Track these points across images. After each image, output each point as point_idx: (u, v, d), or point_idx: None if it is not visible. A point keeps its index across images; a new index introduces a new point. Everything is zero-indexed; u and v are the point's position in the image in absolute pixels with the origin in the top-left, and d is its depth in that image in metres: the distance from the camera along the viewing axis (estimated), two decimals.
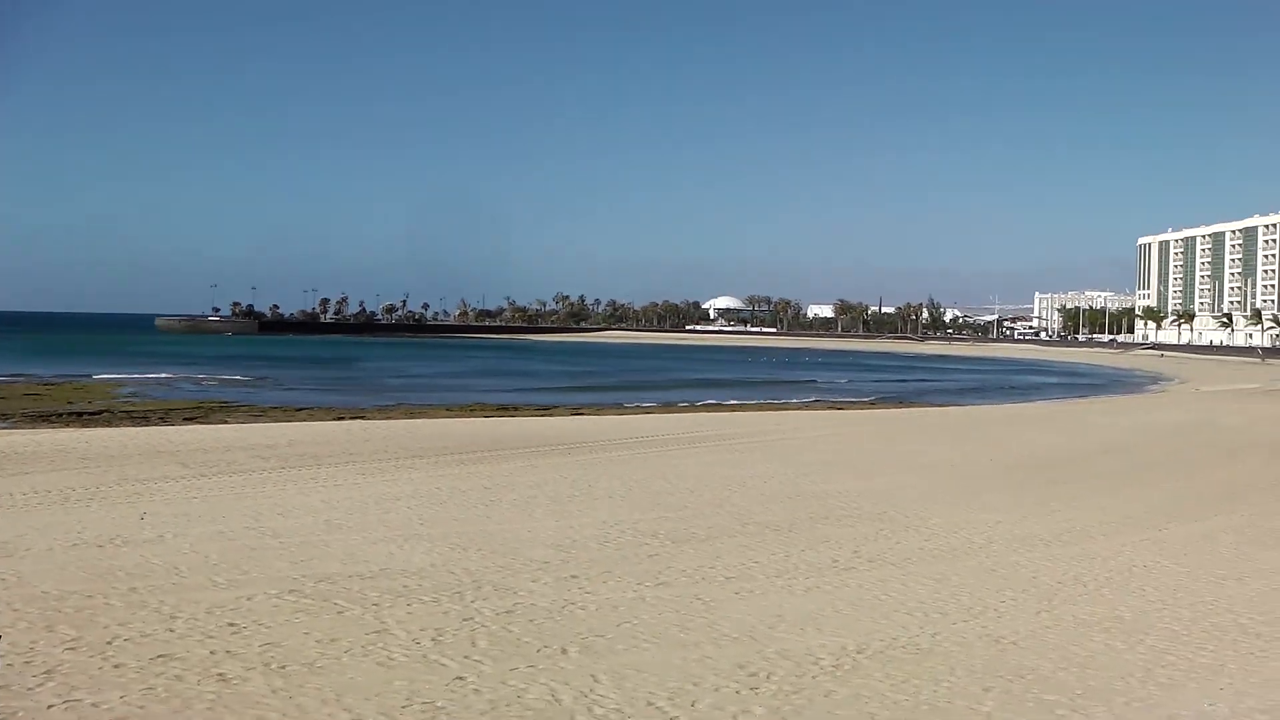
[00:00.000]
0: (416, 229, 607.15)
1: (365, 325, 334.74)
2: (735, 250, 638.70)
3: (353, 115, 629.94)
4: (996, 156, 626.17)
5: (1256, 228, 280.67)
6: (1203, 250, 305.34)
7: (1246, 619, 16.16)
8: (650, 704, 11.70)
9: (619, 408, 64.43)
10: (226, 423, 47.40)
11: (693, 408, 65.34)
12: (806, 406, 69.90)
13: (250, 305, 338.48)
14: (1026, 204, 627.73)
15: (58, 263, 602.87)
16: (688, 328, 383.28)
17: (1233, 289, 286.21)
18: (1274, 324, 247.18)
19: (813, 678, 12.72)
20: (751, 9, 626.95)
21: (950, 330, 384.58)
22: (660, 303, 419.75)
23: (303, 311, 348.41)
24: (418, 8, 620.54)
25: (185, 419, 49.19)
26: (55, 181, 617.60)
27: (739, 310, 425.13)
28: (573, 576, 17.40)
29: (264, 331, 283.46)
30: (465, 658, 13.11)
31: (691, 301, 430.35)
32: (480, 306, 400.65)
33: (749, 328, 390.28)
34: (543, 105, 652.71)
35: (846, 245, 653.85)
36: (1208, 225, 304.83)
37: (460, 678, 12.37)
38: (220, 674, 12.29)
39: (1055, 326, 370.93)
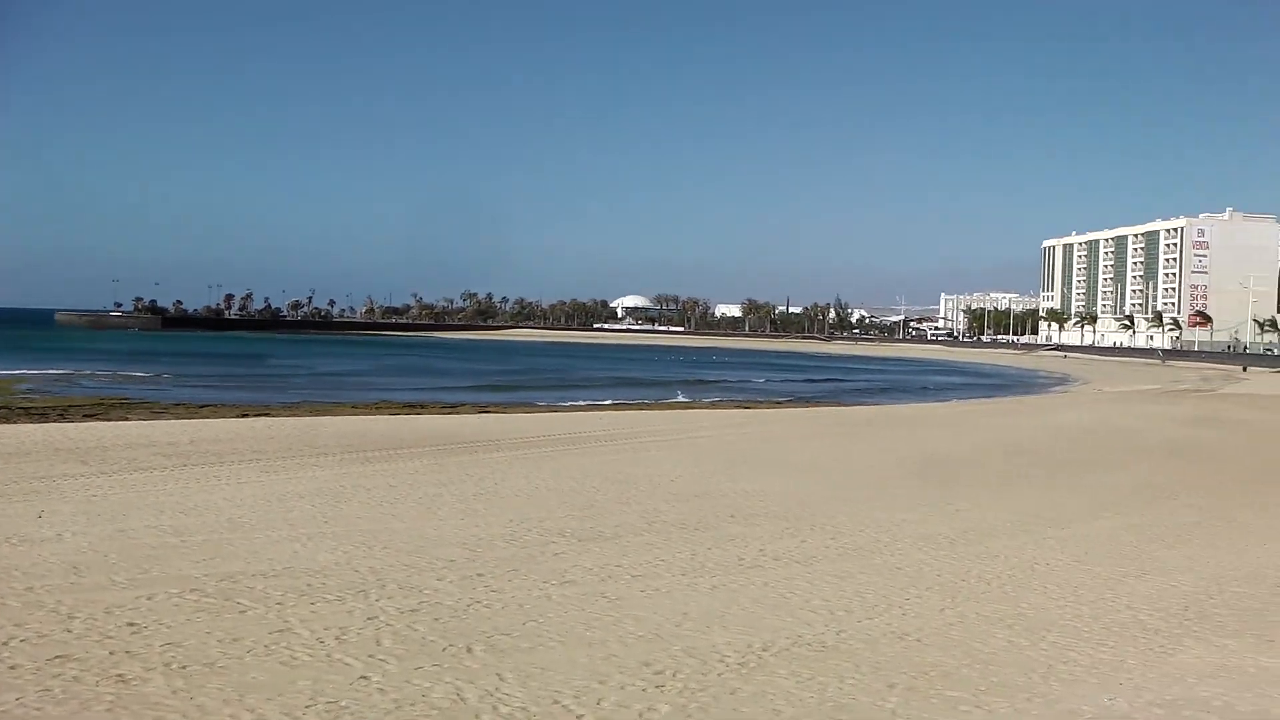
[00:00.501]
0: (324, 224, 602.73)
1: (271, 322, 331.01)
2: (643, 249, 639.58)
3: (265, 113, 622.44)
4: (903, 159, 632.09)
5: (1158, 231, 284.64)
6: (1106, 253, 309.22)
7: (1145, 615, 16.39)
8: (556, 702, 11.66)
9: (526, 406, 64.16)
10: (128, 419, 46.70)
11: (601, 406, 65.26)
12: (714, 406, 69.95)
13: (154, 301, 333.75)
14: (933, 206, 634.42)
15: None
16: (596, 326, 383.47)
17: (1135, 291, 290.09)
18: (1174, 326, 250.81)
19: (718, 675, 12.74)
20: (679, 17, 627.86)
21: (857, 330, 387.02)
22: (568, 301, 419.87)
23: (207, 308, 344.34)
24: None
25: (85, 416, 48.27)
26: None
27: (647, 309, 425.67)
28: (479, 575, 17.33)
29: (168, 328, 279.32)
30: (369, 657, 13.00)
31: (599, 300, 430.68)
32: (387, 304, 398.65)
33: (657, 326, 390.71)
34: (474, 113, 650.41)
35: (754, 245, 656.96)
36: (1111, 229, 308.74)
37: (364, 677, 12.27)
38: (119, 675, 12.10)
39: (961, 327, 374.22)
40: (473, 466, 30.77)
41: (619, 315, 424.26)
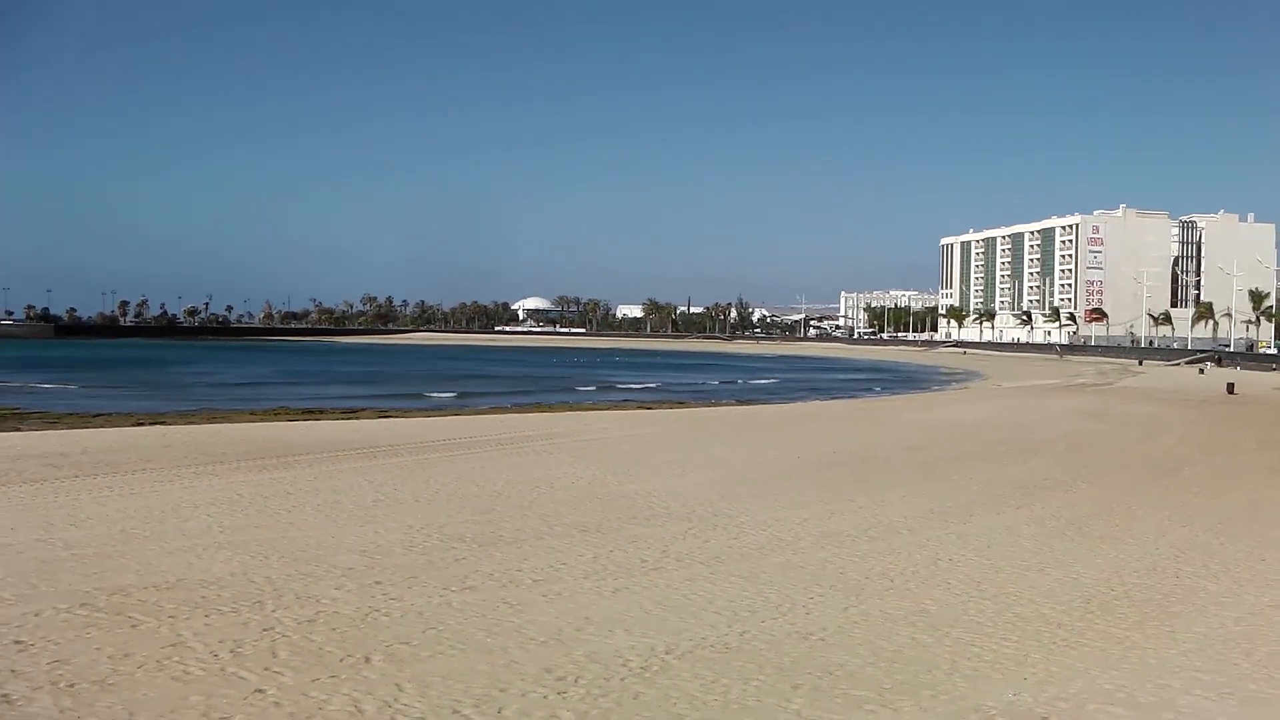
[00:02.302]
0: (221, 229, 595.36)
1: (168, 328, 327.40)
2: (544, 251, 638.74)
3: (153, 118, 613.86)
4: (802, 159, 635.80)
5: (1054, 229, 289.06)
6: (1003, 250, 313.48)
7: (1048, 609, 16.47)
8: (456, 711, 11.47)
9: (426, 410, 63.82)
10: (18, 430, 45.65)
11: (502, 409, 64.84)
12: (616, 407, 69.92)
13: (45, 309, 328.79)
14: (833, 205, 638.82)
15: None
16: (497, 329, 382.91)
17: (1032, 288, 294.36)
18: (1071, 321, 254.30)
19: (621, 680, 12.59)
20: (576, 13, 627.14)
21: (759, 330, 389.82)
22: (469, 304, 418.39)
23: (102, 315, 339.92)
24: None
25: None
26: None
27: (548, 311, 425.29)
28: (377, 583, 17.03)
29: (61, 336, 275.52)
30: (265, 669, 12.71)
31: (500, 303, 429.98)
32: (286, 308, 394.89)
33: (558, 328, 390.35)
34: (375, 116, 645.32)
35: (656, 246, 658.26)
36: (1008, 226, 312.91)
37: (260, 690, 11.98)
38: (4, 695, 11.71)
39: (861, 325, 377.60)
40: (372, 472, 30.39)
41: (520, 317, 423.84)
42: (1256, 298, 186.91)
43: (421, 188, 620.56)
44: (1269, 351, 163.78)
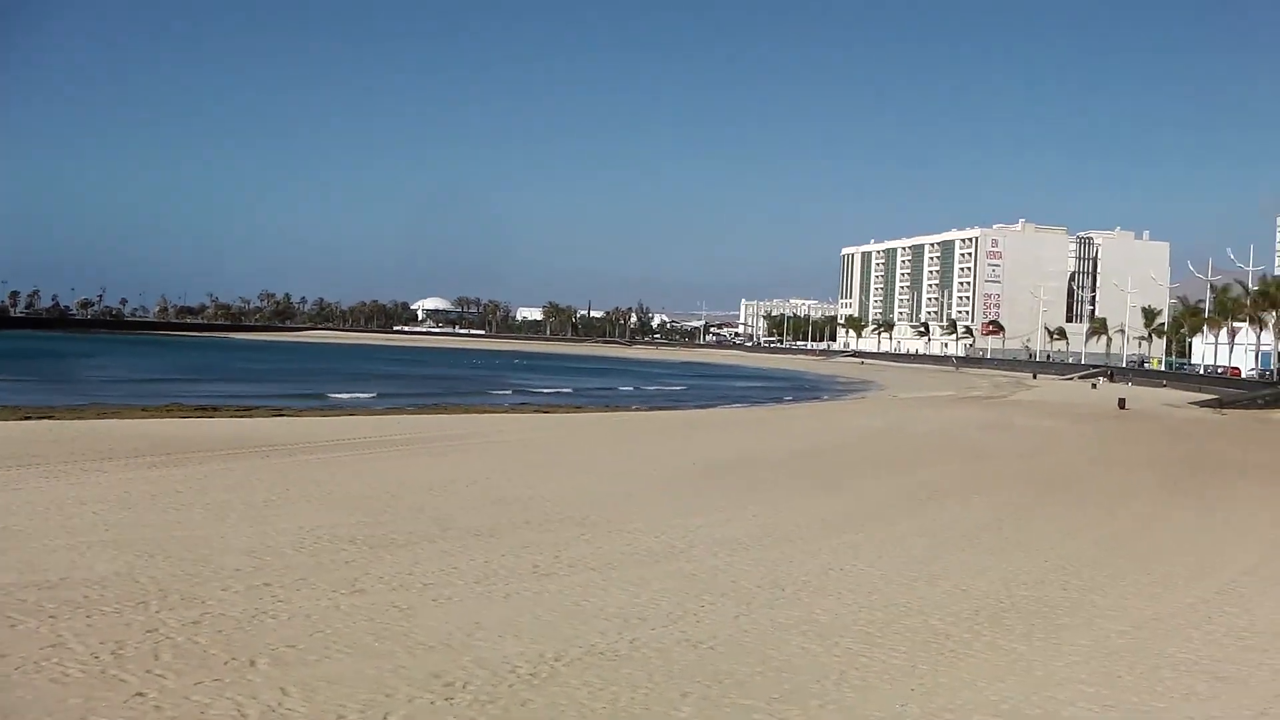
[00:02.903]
0: (116, 220, 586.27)
1: (59, 320, 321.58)
2: (445, 251, 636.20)
3: (52, 107, 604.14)
4: (705, 166, 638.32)
5: (954, 241, 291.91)
6: (903, 262, 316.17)
7: (937, 620, 16.56)
8: (341, 717, 11.30)
9: (322, 410, 63.24)
10: None
11: (398, 410, 64.37)
12: (513, 410, 69.65)
13: None
14: (736, 213, 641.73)
15: None
16: (396, 328, 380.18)
17: (930, 300, 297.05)
18: (968, 334, 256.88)
19: (509, 686, 12.49)
20: (480, 19, 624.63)
21: (658, 335, 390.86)
22: (368, 303, 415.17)
23: None
24: None
25: None
26: None
27: (448, 311, 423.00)
28: (265, 584, 16.78)
29: None
30: (147, 672, 12.45)
31: (400, 302, 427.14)
32: (182, 303, 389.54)
33: (458, 329, 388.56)
34: (274, 109, 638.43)
35: (557, 249, 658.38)
36: (909, 238, 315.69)
37: (140, 693, 11.73)
38: None
39: (761, 333, 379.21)
40: (264, 472, 30.04)
41: (420, 317, 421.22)
42: (1149, 315, 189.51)
43: (323, 186, 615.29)
44: (1159, 368, 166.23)
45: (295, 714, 11.35)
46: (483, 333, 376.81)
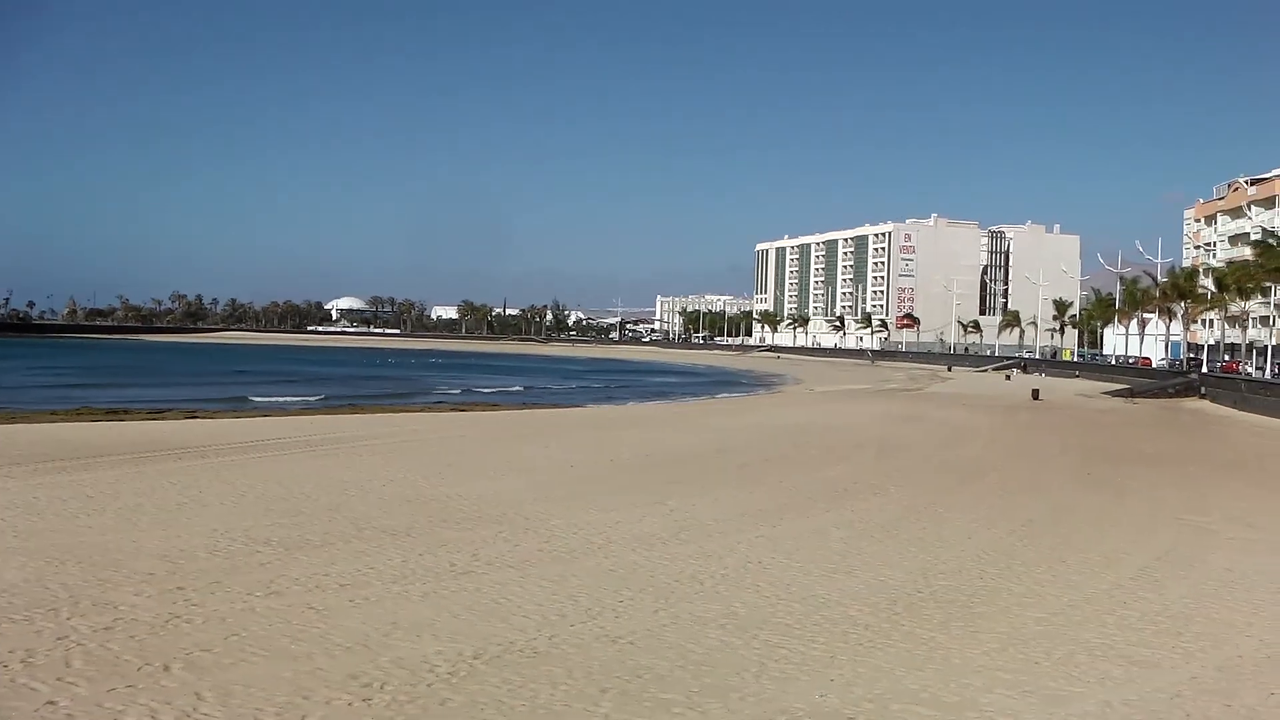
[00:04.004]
0: (20, 220, 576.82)
1: None
2: (358, 251, 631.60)
3: None
4: (620, 161, 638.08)
5: (867, 236, 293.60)
6: (817, 257, 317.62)
7: (855, 610, 16.65)
8: None
9: (236, 411, 62.51)
10: None
11: (313, 410, 63.95)
12: (430, 408, 69.32)
13: None
14: (650, 209, 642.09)
15: None
16: (309, 328, 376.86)
17: (845, 294, 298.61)
18: (883, 328, 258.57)
19: (428, 686, 12.43)
20: (383, 13, 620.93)
21: (574, 332, 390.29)
22: (281, 303, 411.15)
23: None
24: None
25: None
26: None
27: (362, 311, 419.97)
28: (179, 589, 16.58)
29: None
30: (58, 680, 12.27)
31: (314, 302, 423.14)
32: (91, 305, 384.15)
33: (372, 329, 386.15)
34: (173, 108, 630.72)
35: (471, 247, 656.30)
36: (823, 233, 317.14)
37: (51, 702, 11.57)
38: None
39: (677, 329, 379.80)
40: (177, 474, 29.67)
41: (334, 317, 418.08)
42: (1061, 306, 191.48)
43: (232, 186, 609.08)
44: (1072, 359, 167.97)
45: (211, 718, 11.22)
46: (397, 332, 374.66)
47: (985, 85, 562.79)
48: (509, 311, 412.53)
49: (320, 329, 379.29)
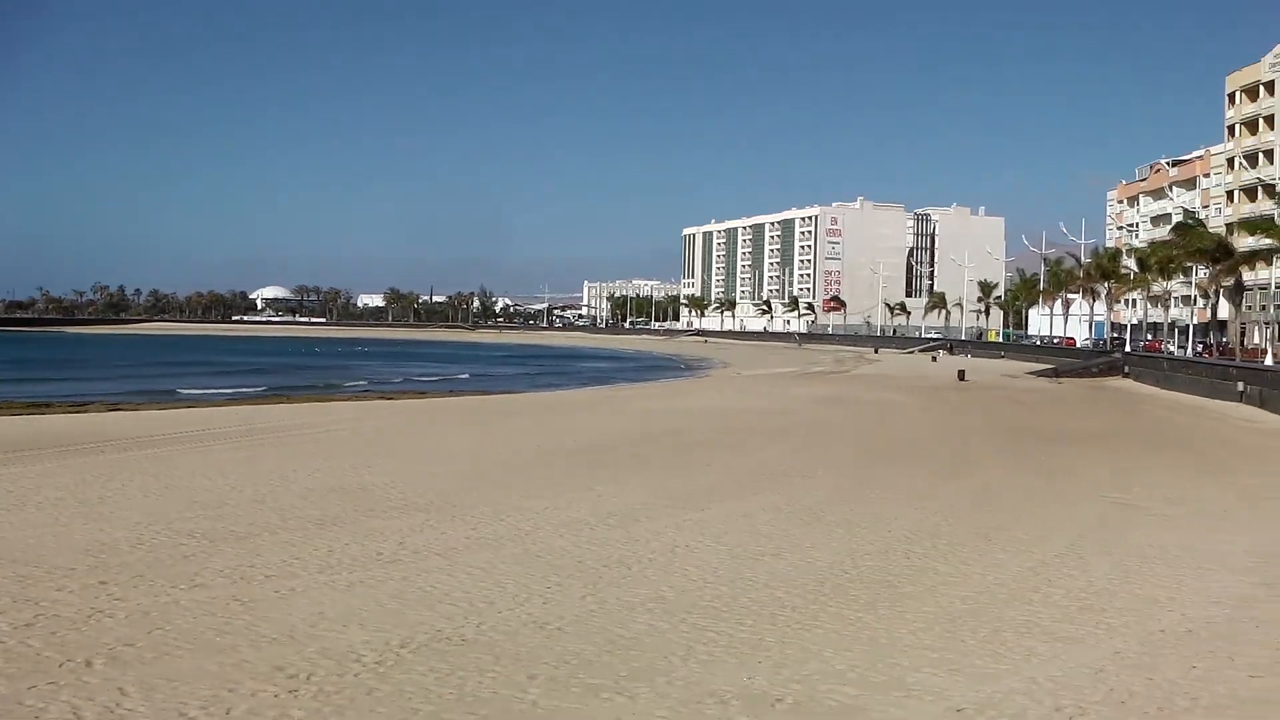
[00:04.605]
0: None
1: None
2: (283, 240, 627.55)
3: None
4: (547, 149, 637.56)
5: (794, 220, 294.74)
6: (744, 241, 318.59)
7: (783, 593, 16.68)
8: (182, 714, 11.05)
9: (160, 402, 61.82)
10: None
11: (239, 400, 63.48)
12: (356, 397, 69.05)
13: None
14: (577, 195, 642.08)
15: None
16: (235, 319, 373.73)
17: (772, 278, 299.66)
18: (810, 311, 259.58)
19: (355, 676, 12.33)
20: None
21: (501, 319, 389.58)
22: (206, 293, 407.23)
23: None
24: None
25: None
26: None
27: (287, 300, 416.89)
28: (101, 583, 16.36)
29: None
30: None
31: (238, 292, 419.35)
32: (9, 298, 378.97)
33: (298, 318, 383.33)
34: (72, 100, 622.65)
35: (396, 235, 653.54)
36: (750, 217, 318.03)
37: None
38: None
39: (605, 314, 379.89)
40: (99, 468, 29.32)
41: (259, 307, 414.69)
42: (986, 288, 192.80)
43: (151, 172, 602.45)
44: (998, 340, 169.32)
45: (135, 714, 11.09)
46: (324, 321, 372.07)
47: (910, 71, 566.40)
48: (436, 299, 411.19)
49: (246, 319, 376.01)
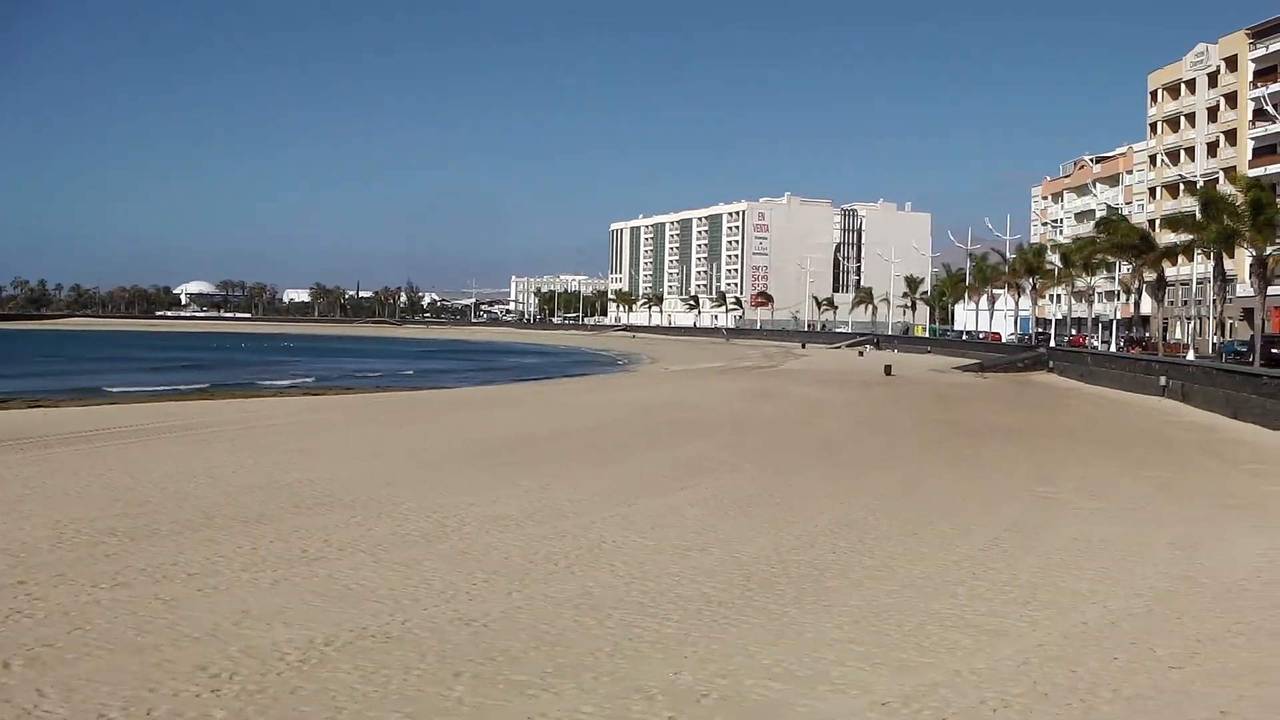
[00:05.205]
0: None
1: None
2: (207, 233, 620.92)
3: None
4: (472, 144, 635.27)
5: (721, 215, 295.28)
6: (672, 236, 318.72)
7: (709, 588, 16.71)
8: (102, 715, 10.92)
9: (82, 399, 60.99)
10: None
11: (163, 397, 62.77)
12: (283, 393, 68.55)
13: None
14: (503, 190, 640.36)
15: None
16: (159, 314, 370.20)
17: (700, 273, 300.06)
18: (738, 306, 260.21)
19: (278, 674, 12.23)
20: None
21: (429, 314, 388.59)
22: (129, 288, 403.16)
23: None
24: None
25: None
26: None
27: (212, 295, 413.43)
28: (20, 583, 16.12)
29: None
30: None
31: (162, 287, 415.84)
32: None
33: (223, 313, 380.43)
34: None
35: (322, 229, 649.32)
36: (676, 212, 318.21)
37: None
38: None
39: (532, 309, 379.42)
40: (19, 465, 28.91)
41: (183, 301, 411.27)
42: (912, 283, 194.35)
43: (71, 164, 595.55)
44: (924, 335, 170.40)
45: (53, 715, 10.95)
46: (249, 316, 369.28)
47: (836, 68, 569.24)
48: (362, 294, 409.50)
49: (170, 314, 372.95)
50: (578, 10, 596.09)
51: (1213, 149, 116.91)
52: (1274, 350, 59.94)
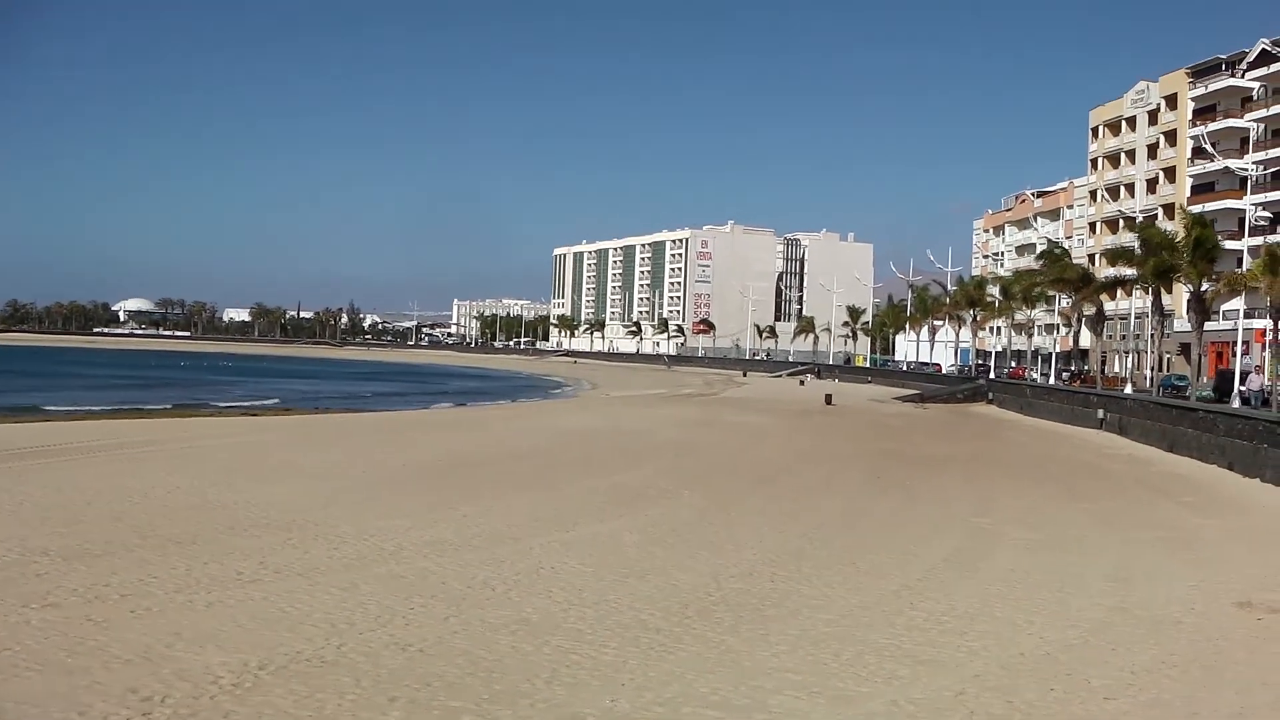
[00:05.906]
0: None
1: None
2: (147, 250, 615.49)
3: None
4: (415, 166, 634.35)
5: (664, 242, 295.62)
6: (615, 262, 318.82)
7: (647, 615, 16.69)
8: None
9: (14, 416, 60.36)
10: None
11: (96, 415, 62.09)
12: (220, 413, 68.10)
13: None
14: (447, 213, 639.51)
15: None
16: (96, 331, 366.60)
17: (642, 299, 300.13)
18: (680, 333, 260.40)
19: (211, 698, 12.12)
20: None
21: (370, 336, 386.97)
22: (66, 303, 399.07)
23: None
24: None
25: None
26: None
27: (151, 313, 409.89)
28: None
29: None
30: None
31: (100, 303, 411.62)
32: None
33: (162, 331, 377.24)
34: None
35: (264, 248, 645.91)
36: (620, 238, 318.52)
37: None
38: None
39: (474, 333, 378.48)
40: None
41: (122, 319, 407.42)
42: (854, 313, 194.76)
43: (7, 178, 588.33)
44: (865, 365, 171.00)
45: None
46: (188, 334, 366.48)
47: (780, 97, 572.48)
48: (303, 314, 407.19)
49: (108, 331, 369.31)
50: (522, 38, 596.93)
51: (1152, 185, 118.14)
52: (1243, 389, 56.57)
